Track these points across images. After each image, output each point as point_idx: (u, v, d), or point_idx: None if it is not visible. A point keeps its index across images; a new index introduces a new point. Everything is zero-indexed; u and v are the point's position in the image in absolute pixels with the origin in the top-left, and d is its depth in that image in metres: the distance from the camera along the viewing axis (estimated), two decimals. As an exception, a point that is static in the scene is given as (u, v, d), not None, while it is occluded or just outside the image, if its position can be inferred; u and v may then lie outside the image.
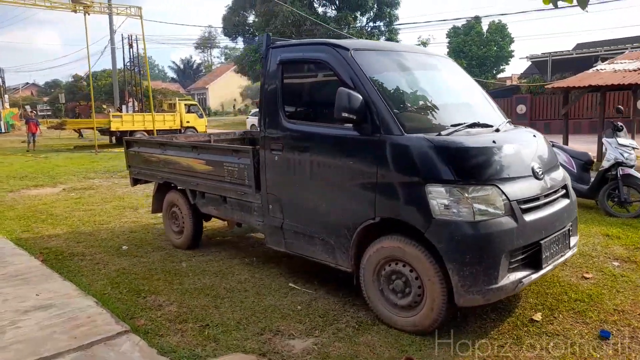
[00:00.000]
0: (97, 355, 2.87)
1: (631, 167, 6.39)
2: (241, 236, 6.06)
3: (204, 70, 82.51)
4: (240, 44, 48.39)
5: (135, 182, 6.25)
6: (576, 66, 25.87)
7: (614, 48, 23.66)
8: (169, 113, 24.53)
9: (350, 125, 3.42)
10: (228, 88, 59.60)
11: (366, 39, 34.77)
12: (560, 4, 2.96)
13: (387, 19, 33.93)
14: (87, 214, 7.54)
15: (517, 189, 3.21)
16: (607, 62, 12.29)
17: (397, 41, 34.05)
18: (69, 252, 5.39)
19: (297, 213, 3.98)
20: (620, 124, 6.76)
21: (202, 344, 3.22)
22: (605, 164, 6.54)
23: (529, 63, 31.85)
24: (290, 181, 3.98)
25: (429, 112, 3.67)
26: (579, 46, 31.99)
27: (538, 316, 3.57)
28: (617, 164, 6.40)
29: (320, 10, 36.09)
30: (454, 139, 3.22)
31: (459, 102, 4.04)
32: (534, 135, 3.82)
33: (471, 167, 3.12)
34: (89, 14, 17.86)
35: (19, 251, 5.20)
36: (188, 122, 24.51)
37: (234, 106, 59.44)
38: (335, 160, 3.62)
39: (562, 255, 3.56)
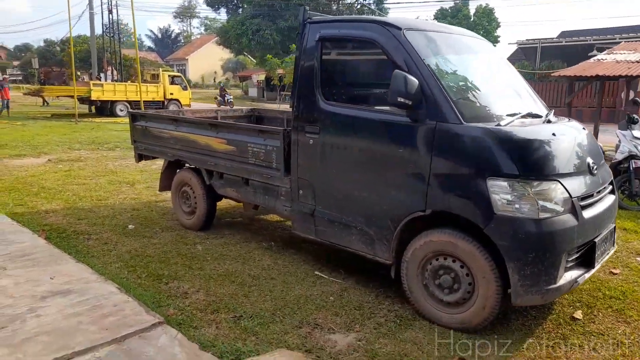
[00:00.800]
0: (134, 350, 2.64)
1: (644, 160, 6.39)
2: (252, 218, 5.83)
3: (182, 41, 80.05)
4: (223, 15, 47.10)
5: (140, 157, 5.90)
6: (564, 54, 26.12)
7: (602, 38, 23.89)
8: (152, 84, 23.68)
9: (403, 110, 3.20)
10: (209, 60, 57.99)
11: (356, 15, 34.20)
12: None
13: (378, -4, 33.35)
14: (82, 188, 7.15)
15: (577, 185, 3.08)
16: (605, 52, 12.33)
17: (387, 21, 33.63)
18: (72, 230, 5.06)
19: (333, 200, 3.77)
20: (635, 116, 6.74)
21: (241, 337, 3.03)
22: (619, 156, 6.53)
23: (515, 48, 31.97)
24: (326, 166, 3.76)
25: (483, 99, 3.47)
26: (564, 34, 32.22)
27: (579, 314, 3.50)
28: (631, 157, 6.39)
29: (310, -16, 35.15)
30: (516, 130, 3.04)
31: (508, 90, 3.86)
32: (583, 128, 3.69)
33: (535, 161, 2.96)
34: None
35: (19, 227, 4.84)
36: (172, 94, 23.73)
37: (214, 79, 58.00)
38: (382, 147, 3.41)
39: (608, 253, 3.48)
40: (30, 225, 5.08)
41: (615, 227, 3.62)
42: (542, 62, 26.69)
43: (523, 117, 3.36)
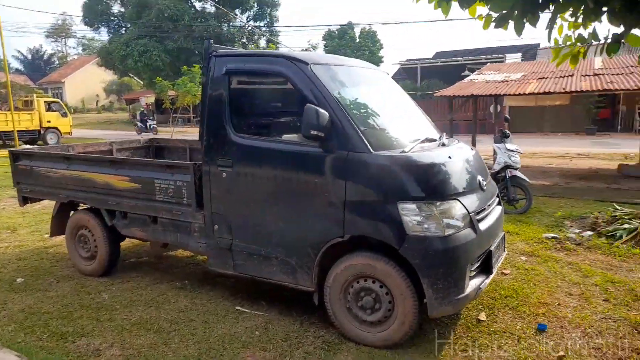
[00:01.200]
0: None
1: (517, 169, 7.29)
2: (160, 256, 5.53)
3: (57, 62, 73.66)
4: (104, 34, 44.36)
5: (25, 200, 5.32)
6: (440, 72, 28.84)
7: (471, 58, 26.81)
8: (25, 111, 21.43)
9: (315, 142, 3.32)
10: (89, 82, 53.95)
11: (247, 38, 34.40)
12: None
13: (268, 20, 33.89)
14: (-50, 239, 6.22)
15: (472, 202, 3.43)
16: (475, 72, 13.87)
17: (278, 43, 34.30)
18: (-55, 292, 4.39)
19: (250, 233, 3.76)
20: (507, 131, 7.66)
21: (167, 390, 2.87)
22: (496, 167, 7.36)
23: (397, 68, 34.55)
24: (242, 199, 3.74)
25: (386, 128, 3.73)
26: (438, 54, 35.64)
27: (483, 316, 3.87)
28: (506, 167, 7.25)
29: (198, 5, 34.69)
30: (419, 156, 3.32)
31: (405, 117, 4.18)
32: (472, 149, 4.12)
33: (437, 183, 3.24)
34: None
35: None
36: (49, 121, 21.75)
37: (96, 102, 54.08)
38: (297, 177, 3.49)
39: (501, 258, 3.91)
40: None
41: (504, 234, 4.08)
42: (422, 81, 29.17)
43: (422, 142, 3.67)
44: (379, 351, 3.33)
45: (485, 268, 3.56)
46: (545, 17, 3.27)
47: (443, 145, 3.83)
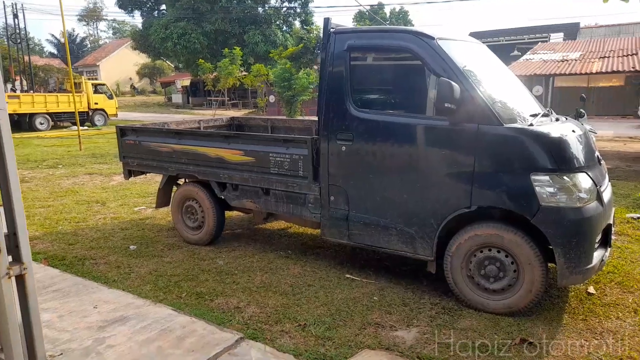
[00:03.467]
0: (231, 369, 2.61)
1: (591, 150, 7.24)
2: (251, 229, 5.79)
3: (89, 45, 75.04)
4: (137, 18, 44.92)
5: (130, 174, 5.62)
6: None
7: (513, 38, 26.19)
8: (75, 93, 22.05)
9: (443, 115, 3.44)
10: (122, 65, 54.96)
11: (282, 19, 34.36)
12: None
13: (303, 0, 33.71)
14: (49, 210, 6.62)
15: (595, 175, 3.51)
16: (529, 52, 13.62)
17: (312, 24, 34.18)
18: (72, 256, 4.73)
19: (369, 204, 3.92)
20: (582, 110, 7.58)
21: (318, 343, 3.10)
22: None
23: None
24: (362, 172, 3.90)
25: (510, 102, 3.80)
26: (473, 35, 34.82)
27: (592, 289, 3.97)
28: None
29: (233, -13, 34.69)
30: (548, 129, 3.40)
31: (520, 92, 4.23)
32: (582, 125, 4.17)
33: (568, 156, 3.33)
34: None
35: (14, 259, 4.42)
36: (96, 103, 22.40)
37: (132, 85, 55.00)
38: (423, 151, 3.63)
39: (613, 233, 3.98)
40: (22, 254, 4.65)
41: (614, 209, 4.14)
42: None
43: (541, 117, 3.75)
44: (501, 317, 3.48)
45: (605, 241, 3.65)
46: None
47: (557, 120, 3.90)
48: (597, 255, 3.45)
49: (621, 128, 17.77)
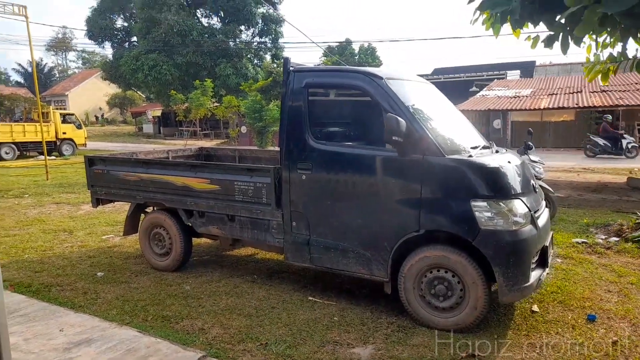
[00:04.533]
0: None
1: (540, 179, 7.77)
2: (218, 255, 5.95)
3: (57, 75, 74.28)
4: (108, 49, 45.02)
5: (98, 202, 5.73)
6: (441, 88, 29.48)
7: (473, 75, 27.51)
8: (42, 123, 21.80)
9: (393, 147, 3.78)
10: (92, 95, 54.57)
11: (253, 53, 35.09)
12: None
13: (273, 35, 34.62)
14: (15, 239, 6.60)
15: (530, 202, 3.89)
16: (485, 88, 14.45)
17: (282, 58, 35.01)
18: (38, 283, 4.77)
19: (329, 229, 4.18)
20: (530, 143, 8.17)
21: (279, 361, 3.27)
22: (521, 177, 7.83)
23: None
24: (320, 199, 4.17)
25: (451, 135, 4.18)
26: (436, 71, 36.40)
27: (536, 307, 4.29)
28: (531, 178, 7.72)
29: (205, 21, 35.42)
30: (487, 160, 3.78)
31: (461, 126, 4.64)
32: (520, 157, 4.59)
33: (504, 183, 3.71)
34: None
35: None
36: (65, 133, 22.17)
37: (102, 115, 54.46)
38: (375, 179, 3.94)
39: (552, 255, 4.35)
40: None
41: (552, 233, 4.53)
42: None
43: (481, 149, 4.14)
44: (450, 334, 3.74)
45: (542, 262, 4.01)
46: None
47: (497, 152, 4.31)
48: (535, 274, 3.79)
49: (575, 160, 18.81)
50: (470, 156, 3.80)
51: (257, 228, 4.59)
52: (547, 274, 4.01)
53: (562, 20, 3.57)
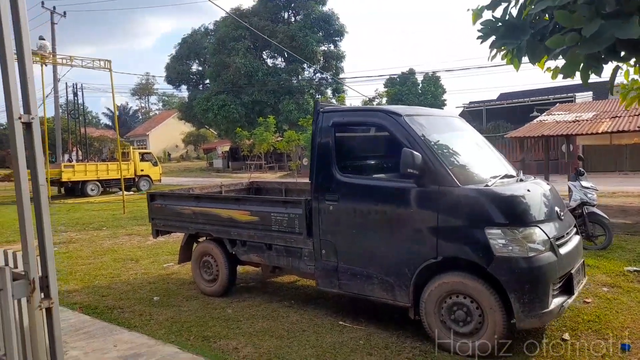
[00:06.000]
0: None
1: (593, 205, 7.49)
2: (264, 282, 6.35)
3: (140, 117, 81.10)
4: (184, 91, 48.66)
5: (158, 233, 6.40)
6: (506, 114, 28.81)
7: (538, 98, 26.63)
8: (123, 162, 24.00)
9: (411, 179, 4.02)
10: (169, 134, 58.95)
11: (315, 89, 36.40)
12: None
13: (334, 71, 35.77)
14: (90, 267, 7.45)
15: (551, 229, 3.93)
16: (545, 113, 14.06)
17: (344, 91, 36.01)
18: (103, 306, 5.42)
19: (354, 256, 4.45)
20: (582, 169, 7.93)
21: (299, 379, 3.54)
22: (572, 203, 7.60)
23: (460, 111, 34.81)
24: (346, 228, 4.47)
25: (470, 166, 4.36)
26: (502, 96, 35.60)
27: (567, 336, 4.23)
28: (582, 204, 7.47)
29: (269, 62, 37.47)
30: (501, 189, 3.91)
31: (485, 157, 4.78)
32: (548, 184, 4.62)
33: (519, 212, 3.81)
34: (46, 65, 17.52)
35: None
36: (142, 170, 24.14)
37: (169, 155, 58.32)
38: (395, 209, 4.18)
39: (581, 282, 4.29)
40: (62, 304, 5.39)
41: (584, 261, 4.47)
42: (489, 123, 29.19)
43: (502, 178, 4.25)
44: (472, 359, 3.82)
45: (568, 289, 3.99)
46: (609, 66, 3.80)
47: (521, 180, 4.39)
48: (557, 301, 3.79)
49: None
50: (487, 186, 3.95)
51: (291, 256, 4.95)
52: (572, 300, 3.97)
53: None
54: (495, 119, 29.95)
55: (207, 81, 41.11)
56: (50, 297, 2.46)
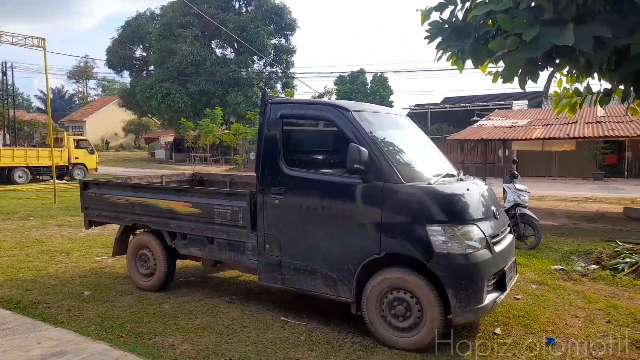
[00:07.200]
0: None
1: (526, 207, 7.91)
2: (205, 277, 6.17)
3: (77, 102, 76.66)
4: (126, 77, 46.60)
5: (90, 224, 6.04)
6: (449, 117, 29.93)
7: (479, 104, 27.87)
8: (55, 148, 22.56)
9: (356, 174, 4.03)
10: (108, 121, 56.13)
11: (264, 82, 36.01)
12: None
13: (285, 65, 35.55)
14: (13, 259, 6.92)
15: (488, 227, 4.08)
16: (484, 118, 14.71)
17: (293, 86, 35.90)
18: (27, 300, 5.04)
19: (298, 251, 4.40)
20: (516, 172, 8.35)
21: (237, 375, 3.45)
22: (507, 205, 7.98)
23: (406, 112, 35.77)
24: (291, 222, 4.41)
25: (414, 164, 4.43)
26: (446, 100, 36.93)
27: (498, 330, 4.42)
28: (516, 205, 7.88)
29: (218, 52, 36.61)
30: (442, 187, 4.01)
31: (428, 155, 4.89)
32: (486, 184, 4.80)
33: (458, 209, 3.92)
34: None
35: (-30, 301, 4.73)
36: (77, 158, 22.89)
37: (107, 143, 55.61)
38: (340, 204, 4.18)
39: (513, 279, 4.50)
40: (-23, 298, 4.96)
41: (515, 259, 4.69)
42: (432, 125, 30.19)
43: (444, 176, 4.37)
44: (409, 354, 3.89)
45: (500, 285, 4.16)
46: (545, 73, 3.99)
47: (461, 180, 4.52)
48: (491, 297, 3.95)
49: (579, 189, 18.79)
50: (429, 183, 4.03)
51: (234, 250, 4.83)
52: (504, 296, 4.15)
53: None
54: (439, 121, 31.05)
55: (152, 68, 39.56)
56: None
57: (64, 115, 63.02)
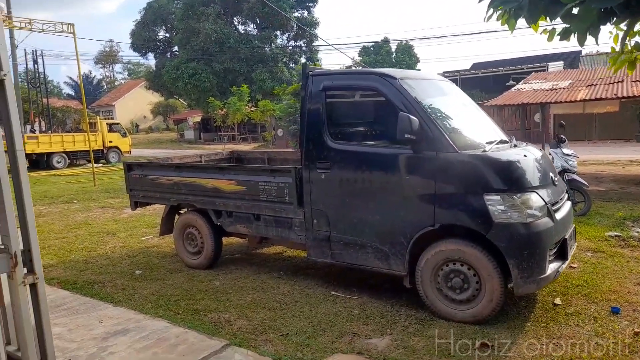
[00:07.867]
0: (215, 370, 2.99)
1: (574, 172, 7.59)
2: (250, 254, 6.20)
3: (105, 87, 77.91)
4: (151, 59, 46.89)
5: (136, 205, 6.12)
6: (480, 83, 28.98)
7: (512, 68, 26.84)
8: (90, 133, 23.06)
9: (407, 144, 3.88)
10: (137, 104, 56.96)
11: (288, 57, 35.62)
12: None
13: (308, 38, 35.00)
14: (64, 242, 7.13)
15: (547, 194, 3.89)
16: (521, 82, 14.12)
17: (318, 59, 35.38)
18: (82, 281, 5.17)
19: (348, 225, 4.33)
20: (563, 136, 7.99)
21: (297, 349, 3.46)
22: (554, 171, 7.68)
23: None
24: (340, 197, 4.32)
25: (467, 131, 4.25)
26: (475, 66, 35.71)
27: (558, 300, 4.27)
28: (564, 171, 7.56)
29: (241, 28, 36.27)
30: (500, 154, 3.82)
31: (478, 122, 4.68)
32: (540, 150, 4.58)
33: (517, 177, 3.74)
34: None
35: (31, 283, 4.89)
36: (111, 141, 23.35)
37: (137, 126, 56.52)
38: (391, 177, 4.06)
39: (573, 247, 4.32)
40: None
41: (574, 226, 4.49)
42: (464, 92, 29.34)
43: (497, 143, 4.17)
44: (468, 326, 3.80)
45: (562, 254, 4.00)
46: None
47: (515, 146, 4.32)
48: (553, 266, 3.79)
49: (622, 152, 18.01)
50: (484, 151, 3.86)
51: (281, 226, 4.80)
52: (566, 265, 3.99)
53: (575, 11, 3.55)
54: (470, 88, 30.08)
55: (176, 48, 39.62)
56: (34, 271, 2.24)
57: (94, 100, 64.26)
